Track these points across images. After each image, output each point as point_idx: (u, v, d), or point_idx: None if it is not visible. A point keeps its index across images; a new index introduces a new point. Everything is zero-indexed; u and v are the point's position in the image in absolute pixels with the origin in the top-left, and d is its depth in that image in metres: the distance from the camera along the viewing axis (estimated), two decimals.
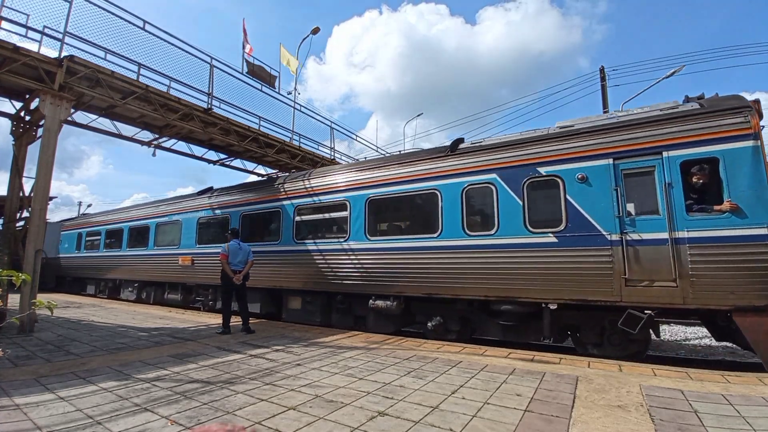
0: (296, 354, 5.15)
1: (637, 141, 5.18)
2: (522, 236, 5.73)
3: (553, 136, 5.82)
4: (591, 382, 3.88)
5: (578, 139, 5.60)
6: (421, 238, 6.65)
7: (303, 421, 2.87)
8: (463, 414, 3.03)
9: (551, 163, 5.71)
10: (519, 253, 5.69)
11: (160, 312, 9.98)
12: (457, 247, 6.24)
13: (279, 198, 9.00)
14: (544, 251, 5.50)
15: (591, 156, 5.45)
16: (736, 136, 4.65)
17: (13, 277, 1.84)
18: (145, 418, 2.92)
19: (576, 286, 5.22)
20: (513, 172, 5.98)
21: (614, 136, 5.35)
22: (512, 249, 5.76)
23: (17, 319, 6.04)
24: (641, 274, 4.86)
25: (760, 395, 3.45)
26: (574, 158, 5.55)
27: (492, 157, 6.23)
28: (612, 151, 5.31)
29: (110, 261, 13.86)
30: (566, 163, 5.59)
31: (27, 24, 6.38)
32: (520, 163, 5.96)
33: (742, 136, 4.62)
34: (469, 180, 6.37)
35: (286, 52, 13.90)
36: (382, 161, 7.89)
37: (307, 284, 8.09)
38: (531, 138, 6.04)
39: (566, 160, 5.60)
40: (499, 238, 5.90)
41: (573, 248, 5.31)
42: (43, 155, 6.70)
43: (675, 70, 13.53)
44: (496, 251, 5.88)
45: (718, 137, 4.73)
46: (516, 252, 5.72)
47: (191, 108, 8.76)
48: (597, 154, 5.42)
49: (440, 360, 4.84)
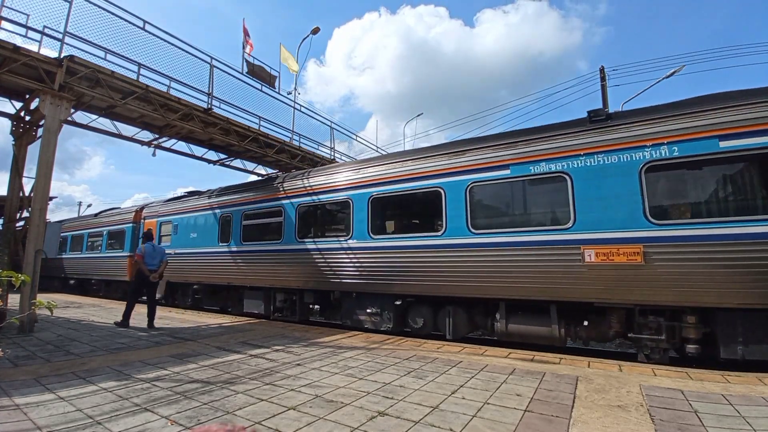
0: (296, 354, 5.15)
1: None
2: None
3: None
4: (591, 382, 3.88)
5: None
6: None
7: (303, 421, 2.87)
8: (463, 414, 3.03)
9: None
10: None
11: (160, 312, 9.97)
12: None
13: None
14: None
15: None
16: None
17: (13, 278, 1.84)
18: (145, 418, 2.92)
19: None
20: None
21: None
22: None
23: (17, 319, 6.04)
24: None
25: (760, 395, 3.44)
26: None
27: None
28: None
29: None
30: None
31: (27, 24, 6.39)
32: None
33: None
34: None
35: (286, 52, 13.90)
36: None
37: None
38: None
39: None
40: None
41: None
42: (43, 155, 6.70)
43: (675, 70, 13.55)
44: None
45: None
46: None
47: (191, 108, 8.76)
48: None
49: (440, 360, 4.84)
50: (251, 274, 9.20)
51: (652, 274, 4.77)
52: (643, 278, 4.82)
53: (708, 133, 4.70)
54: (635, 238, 4.91)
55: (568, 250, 5.30)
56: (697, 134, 4.75)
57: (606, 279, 5.04)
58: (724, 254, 4.47)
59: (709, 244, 4.54)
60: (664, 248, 4.75)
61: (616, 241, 5.02)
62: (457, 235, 6.24)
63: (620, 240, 5.00)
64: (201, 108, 8.89)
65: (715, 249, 4.51)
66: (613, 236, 5.06)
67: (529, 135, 5.97)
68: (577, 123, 5.70)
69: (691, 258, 4.62)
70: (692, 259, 4.61)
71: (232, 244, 9.73)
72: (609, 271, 5.02)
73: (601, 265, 5.07)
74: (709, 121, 4.72)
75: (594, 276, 5.11)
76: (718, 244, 4.50)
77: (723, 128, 4.64)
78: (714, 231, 4.54)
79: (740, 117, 4.58)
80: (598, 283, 5.08)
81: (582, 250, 5.21)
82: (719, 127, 4.66)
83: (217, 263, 10.04)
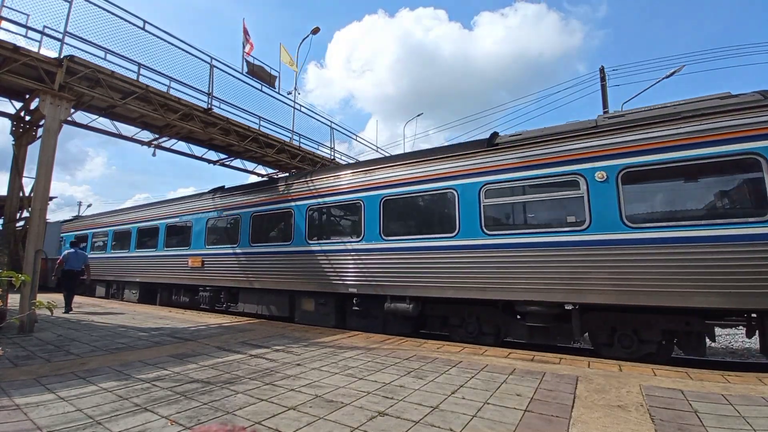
0: (296, 354, 5.15)
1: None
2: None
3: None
4: (591, 382, 3.88)
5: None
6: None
7: (303, 421, 2.87)
8: (463, 414, 3.03)
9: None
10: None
11: (160, 312, 9.98)
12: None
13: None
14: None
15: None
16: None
17: (13, 278, 1.84)
18: (145, 418, 2.92)
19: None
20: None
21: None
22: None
23: (17, 319, 6.05)
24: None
25: (760, 395, 3.44)
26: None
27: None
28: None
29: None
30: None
31: (27, 24, 6.39)
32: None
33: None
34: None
35: (286, 52, 13.92)
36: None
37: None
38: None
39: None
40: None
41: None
42: (43, 155, 6.70)
43: (675, 70, 13.54)
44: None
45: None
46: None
47: (191, 108, 8.77)
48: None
49: (440, 360, 4.84)
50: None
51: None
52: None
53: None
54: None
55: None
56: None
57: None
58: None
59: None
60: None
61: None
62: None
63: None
64: (201, 108, 8.90)
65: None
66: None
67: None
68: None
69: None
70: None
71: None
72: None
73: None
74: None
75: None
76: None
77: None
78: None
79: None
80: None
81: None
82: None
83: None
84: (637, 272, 4.97)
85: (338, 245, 7.84)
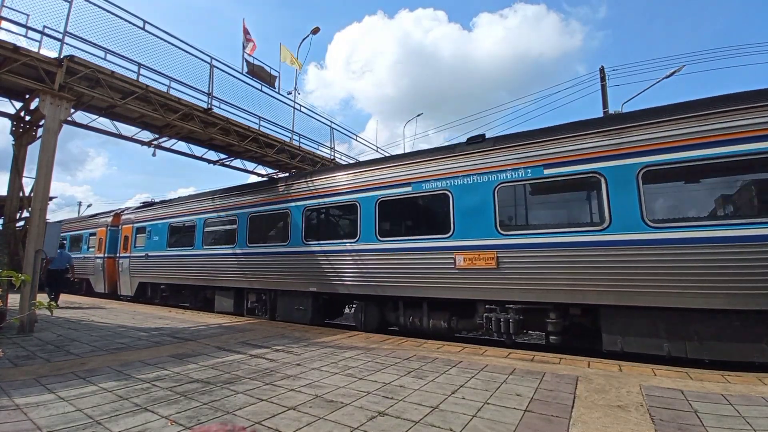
0: (296, 354, 5.15)
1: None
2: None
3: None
4: (591, 382, 3.88)
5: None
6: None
7: (303, 421, 2.87)
8: (463, 414, 3.03)
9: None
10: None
11: (160, 312, 9.99)
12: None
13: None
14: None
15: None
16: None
17: (13, 278, 1.84)
18: (145, 418, 2.92)
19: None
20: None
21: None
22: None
23: (17, 319, 6.06)
24: None
25: (760, 395, 3.45)
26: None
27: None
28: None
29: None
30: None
31: (27, 24, 6.39)
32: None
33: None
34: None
35: (286, 52, 13.91)
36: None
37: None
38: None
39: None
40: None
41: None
42: (43, 155, 6.70)
43: (675, 70, 13.55)
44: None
45: None
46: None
47: (191, 108, 8.76)
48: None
49: (440, 360, 4.84)
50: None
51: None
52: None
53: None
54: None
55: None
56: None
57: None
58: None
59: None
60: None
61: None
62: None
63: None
64: (201, 108, 8.89)
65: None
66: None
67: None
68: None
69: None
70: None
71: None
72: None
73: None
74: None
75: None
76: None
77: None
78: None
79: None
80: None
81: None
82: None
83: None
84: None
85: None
